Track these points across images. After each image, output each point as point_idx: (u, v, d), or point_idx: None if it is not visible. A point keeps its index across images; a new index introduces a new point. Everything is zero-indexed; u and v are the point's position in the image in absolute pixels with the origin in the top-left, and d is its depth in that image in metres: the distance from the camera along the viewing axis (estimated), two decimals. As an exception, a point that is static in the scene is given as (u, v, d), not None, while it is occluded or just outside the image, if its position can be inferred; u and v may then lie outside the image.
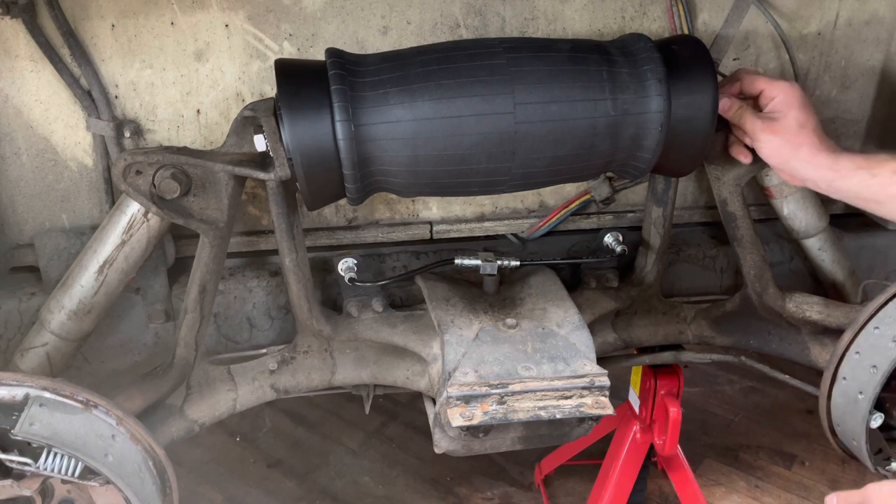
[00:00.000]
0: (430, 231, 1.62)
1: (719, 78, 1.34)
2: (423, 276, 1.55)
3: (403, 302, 1.62)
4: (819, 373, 1.53)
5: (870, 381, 1.34)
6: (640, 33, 1.29)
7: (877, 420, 1.38)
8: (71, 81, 1.38)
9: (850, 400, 1.39)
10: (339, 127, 1.16)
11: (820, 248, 1.68)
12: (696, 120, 1.28)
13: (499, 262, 1.51)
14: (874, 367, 1.34)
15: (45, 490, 1.21)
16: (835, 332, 1.54)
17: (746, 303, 1.63)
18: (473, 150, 1.20)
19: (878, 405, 1.37)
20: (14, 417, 1.15)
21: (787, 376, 1.66)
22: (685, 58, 1.28)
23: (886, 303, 1.34)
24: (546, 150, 1.22)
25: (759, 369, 1.70)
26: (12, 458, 1.14)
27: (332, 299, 1.60)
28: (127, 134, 1.43)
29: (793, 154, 1.30)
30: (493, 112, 1.18)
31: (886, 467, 1.44)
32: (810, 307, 1.56)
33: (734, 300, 1.67)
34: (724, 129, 1.40)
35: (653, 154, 1.26)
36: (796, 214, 1.62)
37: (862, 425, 1.38)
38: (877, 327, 1.34)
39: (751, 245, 1.53)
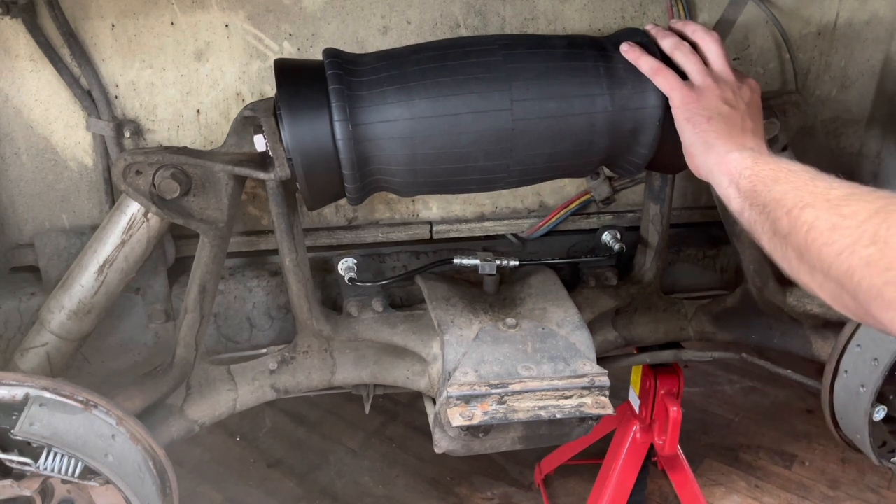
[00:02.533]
0: (430, 231, 1.62)
1: None
2: (423, 276, 1.55)
3: (403, 302, 1.61)
4: (821, 367, 1.53)
5: (871, 374, 1.34)
6: (636, 28, 1.29)
7: (879, 413, 1.38)
8: (71, 81, 1.38)
9: (853, 393, 1.39)
10: (337, 126, 1.16)
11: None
12: None
13: (498, 262, 1.51)
14: (875, 359, 1.34)
15: (45, 490, 1.21)
16: (836, 326, 1.54)
17: (747, 298, 1.63)
18: (471, 148, 1.20)
19: (881, 398, 1.37)
20: (14, 417, 1.15)
21: (788, 371, 1.65)
22: None
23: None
24: (544, 146, 1.22)
25: (760, 366, 1.70)
26: (12, 458, 1.14)
27: (332, 299, 1.60)
28: (127, 134, 1.43)
29: None
30: (491, 109, 1.18)
31: (891, 459, 1.44)
32: (811, 300, 1.55)
33: (735, 296, 1.66)
34: None
35: (649, 149, 1.26)
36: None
37: (864, 418, 1.38)
38: (878, 320, 1.34)
39: (750, 240, 1.53)
